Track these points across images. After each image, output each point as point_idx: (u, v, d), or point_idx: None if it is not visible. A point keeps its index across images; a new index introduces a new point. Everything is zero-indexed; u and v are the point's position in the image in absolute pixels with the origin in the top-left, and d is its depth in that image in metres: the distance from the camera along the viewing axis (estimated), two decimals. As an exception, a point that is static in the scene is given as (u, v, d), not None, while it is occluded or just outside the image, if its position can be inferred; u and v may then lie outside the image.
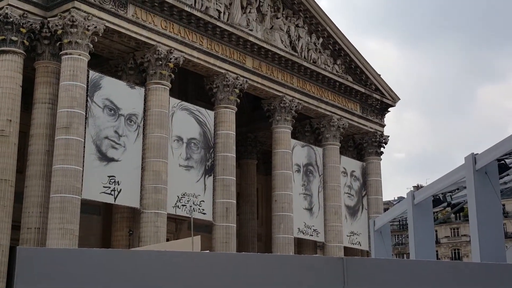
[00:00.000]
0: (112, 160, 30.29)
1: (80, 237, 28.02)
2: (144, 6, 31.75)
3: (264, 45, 37.47)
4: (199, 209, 33.17)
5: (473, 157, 8.88)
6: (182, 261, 6.53)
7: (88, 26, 29.24)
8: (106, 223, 34.44)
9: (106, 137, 30.33)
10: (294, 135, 40.37)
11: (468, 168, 8.93)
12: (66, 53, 29.15)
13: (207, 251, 17.76)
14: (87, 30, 29.27)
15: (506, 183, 10.13)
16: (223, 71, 35.33)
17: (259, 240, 42.96)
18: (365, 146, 45.54)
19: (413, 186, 71.98)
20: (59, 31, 29.21)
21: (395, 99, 46.65)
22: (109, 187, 29.84)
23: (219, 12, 35.52)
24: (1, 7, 29.06)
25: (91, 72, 29.99)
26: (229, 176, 34.86)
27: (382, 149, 45.96)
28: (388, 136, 46.33)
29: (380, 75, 45.51)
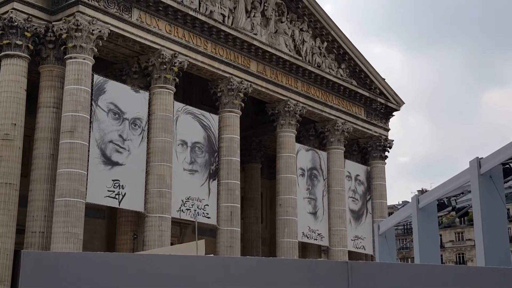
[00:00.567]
0: (116, 164, 30.32)
1: (84, 241, 28.05)
2: (148, 10, 31.81)
3: (269, 49, 37.50)
4: (203, 213, 33.17)
5: (478, 161, 8.86)
6: (186, 265, 6.54)
7: (92, 30, 29.31)
8: (110, 227, 34.50)
9: (110, 141, 30.37)
10: (298, 139, 40.37)
11: (473, 172, 8.91)
12: (70, 57, 29.19)
13: (212, 255, 17.79)
14: (92, 34, 29.33)
15: (511, 187, 10.10)
16: (227, 75, 35.36)
17: (263, 244, 42.97)
18: (370, 150, 45.52)
19: (417, 190, 72.01)
20: (64, 35, 29.27)
21: (399, 103, 46.63)
22: (114, 191, 29.87)
23: (224, 16, 35.58)
24: (6, 11, 29.15)
25: (95, 76, 30.05)
26: (233, 180, 34.86)
27: (386, 153, 45.96)
28: (392, 140, 46.30)
29: (384, 79, 45.51)
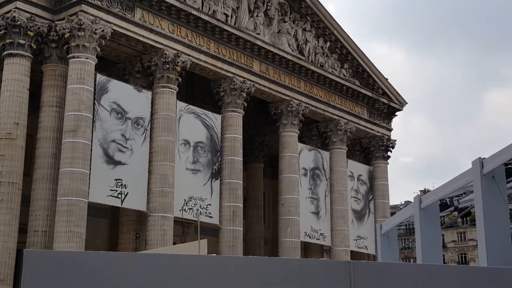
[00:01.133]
0: (119, 163, 30.36)
1: (87, 240, 28.06)
2: (151, 10, 31.83)
3: (271, 49, 37.50)
4: (205, 212, 33.19)
5: (480, 162, 8.85)
6: (188, 265, 6.55)
7: (95, 29, 29.32)
8: (113, 226, 34.53)
9: (113, 141, 30.40)
10: (301, 139, 40.38)
11: (475, 173, 8.90)
12: (73, 57, 29.22)
13: (214, 254, 17.78)
14: (95, 33, 29.34)
15: (513, 187, 10.09)
16: (230, 74, 35.37)
17: (265, 244, 42.96)
18: (372, 150, 45.51)
19: (420, 190, 71.86)
20: (67, 35, 29.29)
21: (402, 103, 46.60)
22: (116, 190, 29.89)
23: (226, 16, 35.59)
24: (9, 11, 29.17)
25: (98, 75, 30.07)
26: (236, 180, 34.88)
27: (389, 153, 45.95)
28: (395, 140, 46.28)
29: (387, 79, 45.48)
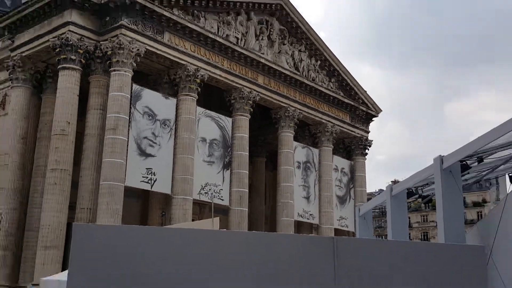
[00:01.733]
0: (149, 155, 30.36)
1: (122, 217, 28.13)
2: (177, 33, 31.81)
3: (273, 66, 37.45)
4: (218, 196, 33.14)
5: (440, 159, 8.79)
6: (204, 237, 6.55)
7: (132, 48, 29.31)
8: (143, 206, 34.56)
9: (145, 137, 30.40)
10: (295, 138, 40.29)
11: (436, 168, 8.85)
12: (114, 70, 29.22)
13: (224, 229, 17.81)
14: (131, 52, 29.34)
15: (466, 180, 10.03)
16: (239, 86, 35.33)
17: (266, 222, 42.93)
18: (353, 148, 45.39)
19: (391, 181, 71.45)
20: (109, 52, 29.30)
21: (378, 111, 46.46)
22: (147, 177, 29.91)
23: (237, 39, 35.55)
24: (63, 33, 29.24)
25: (134, 85, 30.06)
26: (243, 170, 34.86)
27: (366, 151, 45.80)
28: (372, 141, 46.14)
29: (366, 91, 45.33)
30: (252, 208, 41.16)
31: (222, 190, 33.58)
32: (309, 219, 40.08)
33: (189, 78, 32.06)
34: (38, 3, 30.45)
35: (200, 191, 32.27)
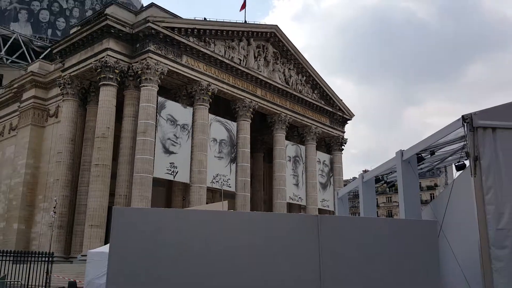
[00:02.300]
0: (172, 153, 30.39)
1: (151, 201, 28.18)
2: (193, 56, 31.83)
3: (269, 81, 37.44)
4: (226, 184, 33.23)
5: (401, 152, 8.84)
6: (216, 216, 6.62)
7: (157, 68, 29.34)
8: (168, 193, 34.54)
9: (168, 139, 30.43)
10: (287, 138, 40.27)
11: (398, 159, 8.89)
12: (143, 86, 29.28)
13: (231, 210, 17.86)
14: (157, 71, 29.38)
15: (421, 168, 10.06)
16: (242, 97, 35.33)
17: (264, 204, 42.95)
18: (332, 145, 45.38)
19: (362, 170, 71.34)
20: (139, 72, 29.34)
21: (351, 115, 46.43)
22: (170, 170, 29.95)
23: (240, 60, 35.55)
24: (103, 56, 29.29)
25: (159, 97, 30.10)
26: (245, 163, 34.86)
27: (343, 147, 45.77)
28: (347, 139, 46.12)
29: (342, 100, 45.30)
30: (253, 193, 41.16)
31: (229, 179, 33.68)
32: (298, 201, 40.11)
33: (203, 91, 32.10)
34: (83, 34, 30.55)
35: (212, 180, 32.33)
